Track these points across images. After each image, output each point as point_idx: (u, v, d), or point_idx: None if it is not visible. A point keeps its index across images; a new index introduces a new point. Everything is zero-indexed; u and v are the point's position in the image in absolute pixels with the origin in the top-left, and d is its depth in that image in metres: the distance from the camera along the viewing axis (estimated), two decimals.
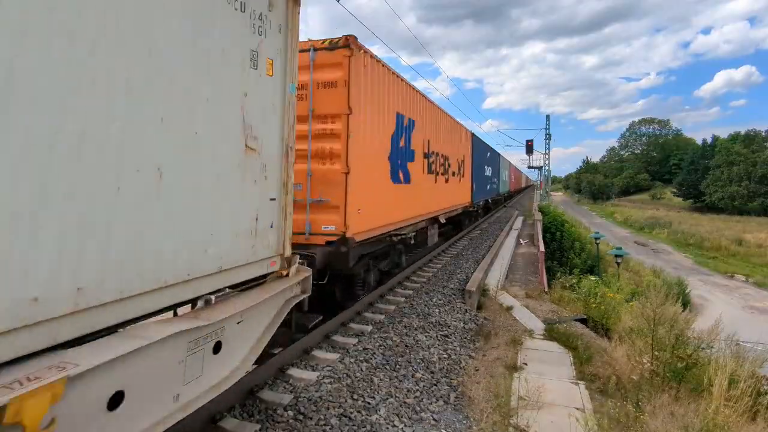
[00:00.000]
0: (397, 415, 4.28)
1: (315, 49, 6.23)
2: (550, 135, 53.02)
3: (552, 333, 7.15)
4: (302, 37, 4.91)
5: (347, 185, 6.15)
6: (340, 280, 6.84)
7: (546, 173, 57.22)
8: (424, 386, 4.94)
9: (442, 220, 12.26)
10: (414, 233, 9.58)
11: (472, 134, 17.49)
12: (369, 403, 4.45)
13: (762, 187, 65.26)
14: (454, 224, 16.59)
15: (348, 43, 6.14)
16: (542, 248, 15.44)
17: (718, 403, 4.49)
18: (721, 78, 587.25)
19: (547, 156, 54.41)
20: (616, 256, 22.73)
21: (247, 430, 3.80)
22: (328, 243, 6.12)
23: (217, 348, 2.71)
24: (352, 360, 5.42)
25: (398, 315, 7.34)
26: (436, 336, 6.56)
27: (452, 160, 13.46)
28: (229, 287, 3.02)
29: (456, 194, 14.24)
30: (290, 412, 4.16)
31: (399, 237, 8.57)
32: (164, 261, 2.39)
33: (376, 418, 4.18)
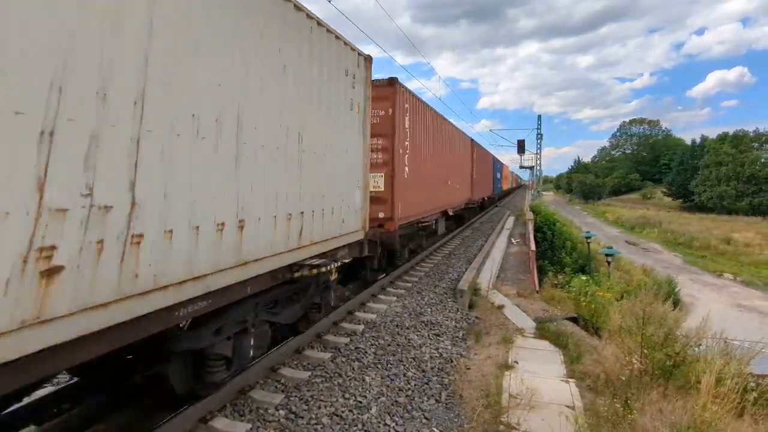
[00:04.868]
0: (389, 414, 4.29)
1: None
2: (541, 135, 53.46)
3: (543, 331, 7.19)
4: None
5: None
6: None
7: (538, 173, 57.59)
8: (415, 385, 4.95)
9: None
10: None
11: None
12: (361, 402, 4.45)
13: (750, 187, 66.14)
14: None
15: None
16: (533, 247, 15.54)
17: (706, 400, 4.54)
18: (713, 79, 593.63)
19: (538, 156, 54.75)
20: (607, 255, 22.89)
21: (238, 429, 3.78)
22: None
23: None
24: (344, 359, 5.42)
25: (390, 314, 7.35)
26: (428, 335, 6.57)
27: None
28: None
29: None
30: (282, 412, 4.15)
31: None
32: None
33: (368, 417, 4.19)
